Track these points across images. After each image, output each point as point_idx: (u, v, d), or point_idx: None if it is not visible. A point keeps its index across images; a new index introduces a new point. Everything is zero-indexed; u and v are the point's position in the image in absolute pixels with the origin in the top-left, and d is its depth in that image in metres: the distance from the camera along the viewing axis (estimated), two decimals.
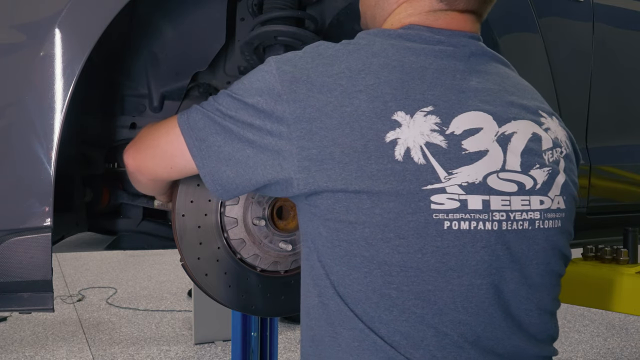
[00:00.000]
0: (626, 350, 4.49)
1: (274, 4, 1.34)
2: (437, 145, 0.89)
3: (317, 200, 0.91)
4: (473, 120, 0.92)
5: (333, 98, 0.88)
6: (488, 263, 0.91)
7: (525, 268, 0.95)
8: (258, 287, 1.34)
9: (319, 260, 0.94)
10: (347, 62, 0.92)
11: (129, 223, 1.53)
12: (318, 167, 0.88)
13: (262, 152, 0.92)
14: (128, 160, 1.08)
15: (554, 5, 1.69)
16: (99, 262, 7.49)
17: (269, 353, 2.39)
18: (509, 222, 0.93)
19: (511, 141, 0.94)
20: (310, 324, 0.98)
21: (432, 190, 0.87)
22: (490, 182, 0.91)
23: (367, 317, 0.91)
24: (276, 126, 0.90)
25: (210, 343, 4.41)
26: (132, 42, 1.28)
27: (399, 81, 0.90)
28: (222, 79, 1.51)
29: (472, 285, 0.91)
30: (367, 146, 0.87)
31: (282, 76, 0.91)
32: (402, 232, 0.87)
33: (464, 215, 0.89)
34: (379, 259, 0.88)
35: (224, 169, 0.95)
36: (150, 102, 1.39)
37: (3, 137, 0.96)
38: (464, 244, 0.89)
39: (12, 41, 0.96)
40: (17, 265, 0.97)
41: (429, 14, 0.99)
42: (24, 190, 0.97)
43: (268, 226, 1.30)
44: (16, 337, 4.50)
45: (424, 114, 0.89)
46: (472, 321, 0.92)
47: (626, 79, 1.93)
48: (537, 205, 0.96)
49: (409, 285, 0.89)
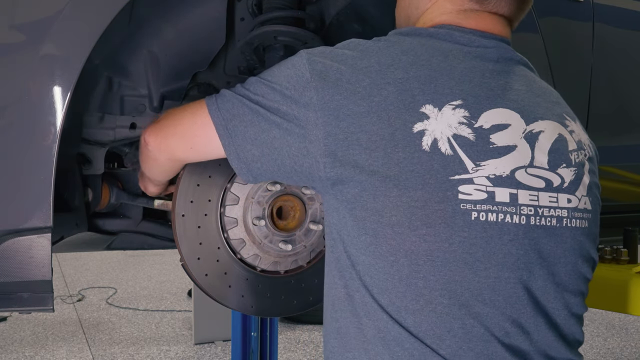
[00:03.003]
0: (626, 350, 4.49)
1: (273, 4, 1.34)
2: (464, 138, 0.90)
3: (343, 189, 0.92)
4: (501, 117, 0.93)
5: (361, 88, 0.91)
6: (515, 257, 0.91)
7: (554, 266, 0.94)
8: (258, 287, 1.34)
9: (345, 251, 0.95)
10: (377, 57, 0.94)
11: (129, 223, 1.53)
12: (344, 152, 0.90)
13: (289, 135, 0.94)
14: (149, 137, 1.10)
15: (554, 5, 1.69)
16: (99, 262, 7.49)
17: (269, 353, 2.39)
18: (537, 217, 0.92)
19: (539, 139, 0.95)
20: (335, 315, 0.98)
21: (459, 181, 0.88)
22: (519, 177, 0.92)
23: (393, 308, 0.90)
24: (303, 112, 0.92)
25: (210, 343, 4.40)
26: (132, 42, 1.28)
27: (428, 77, 0.92)
28: (222, 79, 1.51)
29: (499, 278, 0.90)
30: (395, 134, 0.88)
31: (313, 65, 0.94)
32: (430, 221, 0.88)
33: (491, 206, 0.89)
34: (406, 248, 0.89)
35: (250, 147, 0.97)
36: (150, 102, 1.39)
37: (3, 137, 0.96)
38: (491, 235, 0.89)
39: (12, 41, 0.96)
40: (17, 265, 0.97)
41: (459, 13, 1.01)
42: (24, 190, 0.97)
43: (268, 226, 1.30)
44: (16, 337, 4.50)
45: (452, 107, 0.91)
46: (498, 315, 0.90)
47: (626, 79, 1.93)
48: (565, 203, 0.96)
49: (435, 275, 0.89)
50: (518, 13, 1.04)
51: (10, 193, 0.96)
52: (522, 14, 1.05)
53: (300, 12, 1.35)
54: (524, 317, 0.92)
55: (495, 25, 1.01)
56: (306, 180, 0.98)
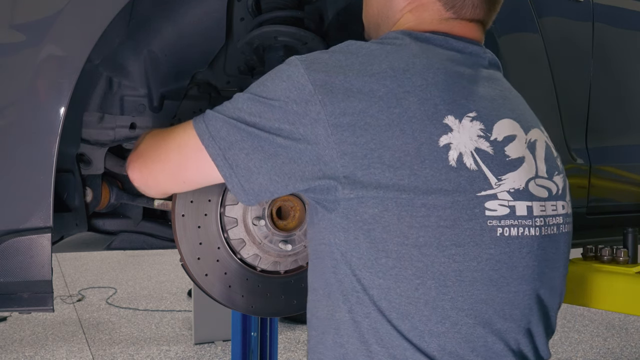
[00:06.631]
0: (626, 350, 4.48)
1: (272, 4, 1.34)
2: (484, 152, 0.87)
3: (359, 208, 0.85)
4: (509, 128, 0.92)
5: (377, 98, 0.83)
6: (532, 269, 0.91)
7: (553, 271, 0.96)
8: (258, 287, 1.34)
9: (354, 274, 0.88)
10: (389, 62, 0.86)
11: (129, 223, 1.53)
12: (365, 172, 0.83)
13: (300, 157, 0.85)
14: (134, 174, 1.02)
15: (554, 5, 1.69)
16: (99, 262, 7.49)
17: (268, 353, 2.39)
18: (545, 227, 0.93)
19: (536, 148, 0.95)
20: (340, 341, 0.91)
21: (485, 197, 0.85)
22: (531, 189, 0.91)
23: (415, 333, 0.85)
24: (310, 128, 0.83)
25: (210, 343, 4.40)
26: (132, 42, 1.28)
27: (445, 83, 0.87)
28: (222, 79, 1.51)
29: (518, 292, 0.89)
30: (420, 149, 0.82)
31: (314, 75, 0.84)
32: (459, 240, 0.84)
33: (513, 221, 0.88)
34: (434, 269, 0.84)
35: (255, 177, 0.87)
36: (150, 102, 1.39)
37: (3, 137, 0.96)
38: (513, 250, 0.88)
39: (12, 41, 0.96)
40: (17, 265, 0.97)
41: (442, 22, 0.97)
42: (24, 190, 0.97)
43: (268, 226, 1.30)
44: (16, 337, 4.50)
45: (469, 119, 0.87)
46: (515, 328, 0.90)
47: (626, 79, 1.93)
48: (561, 210, 0.97)
49: (463, 296, 0.85)
50: (492, 15, 1.02)
51: (10, 193, 0.96)
52: (494, 16, 1.03)
53: (300, 12, 1.35)
54: (533, 324, 0.93)
55: (476, 31, 1.00)
56: (318, 197, 0.90)
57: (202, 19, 1.31)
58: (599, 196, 1.84)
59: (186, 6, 1.29)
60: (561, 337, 4.70)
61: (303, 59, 0.87)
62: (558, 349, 4.40)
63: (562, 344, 4.53)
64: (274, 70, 0.89)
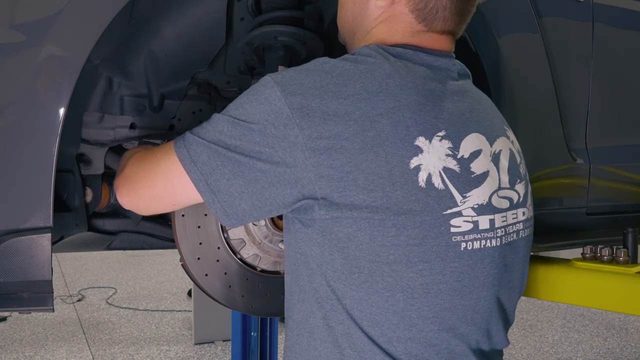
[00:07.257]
0: (626, 350, 4.49)
1: (272, 4, 1.34)
2: (452, 170, 0.90)
3: (333, 227, 0.88)
4: (475, 143, 0.94)
5: (352, 122, 0.85)
6: (492, 276, 0.96)
7: (512, 274, 1.01)
8: (258, 287, 1.34)
9: (328, 285, 0.92)
10: (362, 83, 0.88)
11: (128, 223, 1.53)
12: (340, 194, 0.85)
13: (279, 182, 0.87)
14: (123, 199, 1.04)
15: (554, 5, 1.69)
16: (99, 262, 7.49)
17: (268, 353, 2.40)
18: (505, 236, 0.98)
19: (500, 159, 0.98)
20: (314, 344, 0.96)
21: (451, 215, 0.89)
22: (494, 202, 0.95)
23: (384, 339, 0.91)
24: (289, 153, 0.85)
25: (210, 343, 4.41)
26: (132, 42, 1.28)
27: (417, 104, 0.89)
28: (222, 79, 1.51)
29: (479, 299, 0.95)
30: (392, 172, 0.85)
31: (290, 98, 0.85)
32: (426, 257, 0.88)
33: (476, 235, 0.92)
34: (402, 284, 0.89)
35: (237, 202, 0.90)
36: (150, 102, 1.39)
37: (3, 137, 0.96)
38: (475, 262, 0.93)
39: (12, 41, 0.96)
40: (17, 265, 0.97)
41: (413, 35, 0.98)
42: (24, 190, 0.97)
43: (268, 226, 1.30)
44: (16, 337, 4.50)
45: (439, 139, 0.90)
46: (476, 330, 0.96)
47: (626, 79, 1.93)
48: (521, 216, 1.02)
49: (429, 305, 0.91)
50: (462, 26, 1.02)
51: (10, 193, 0.96)
52: (465, 26, 1.03)
53: (300, 12, 1.35)
54: (492, 325, 0.99)
55: (446, 43, 1.00)
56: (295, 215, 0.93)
57: (202, 19, 1.31)
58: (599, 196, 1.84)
59: (186, 6, 1.29)
60: (561, 337, 4.70)
61: (278, 79, 0.88)
62: (558, 349, 4.40)
63: (562, 344, 4.53)
64: (250, 91, 0.90)
